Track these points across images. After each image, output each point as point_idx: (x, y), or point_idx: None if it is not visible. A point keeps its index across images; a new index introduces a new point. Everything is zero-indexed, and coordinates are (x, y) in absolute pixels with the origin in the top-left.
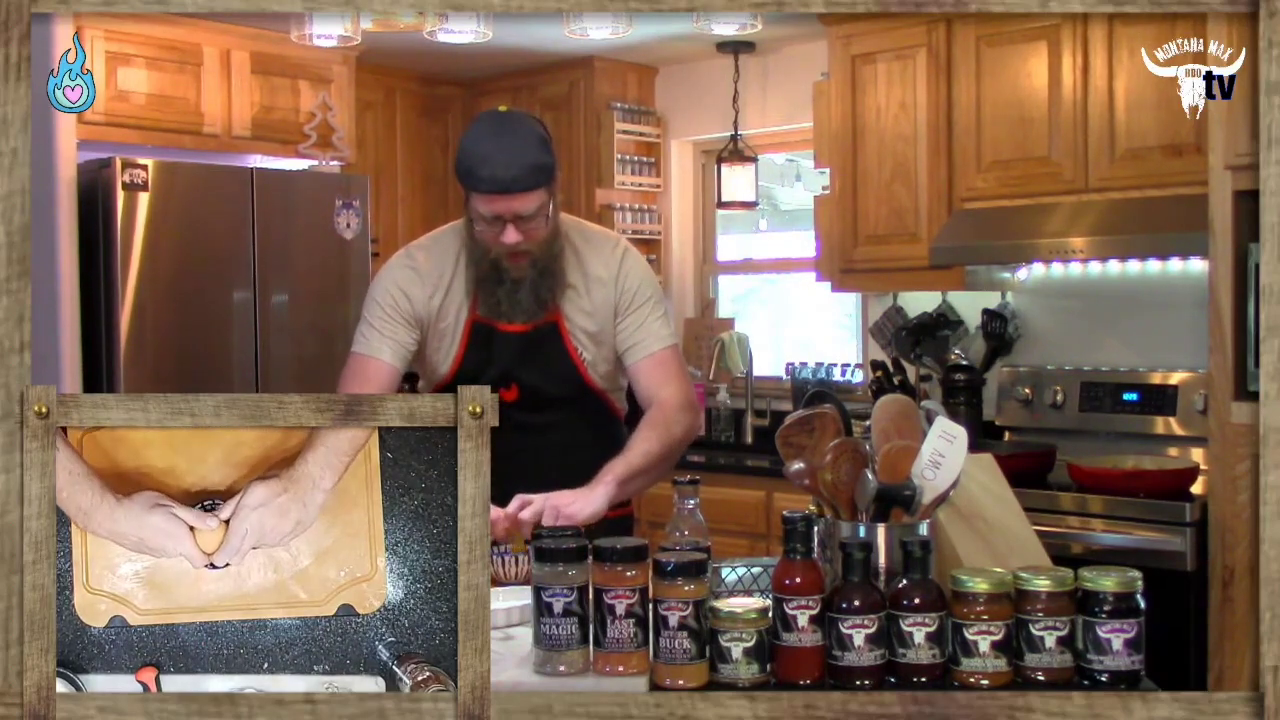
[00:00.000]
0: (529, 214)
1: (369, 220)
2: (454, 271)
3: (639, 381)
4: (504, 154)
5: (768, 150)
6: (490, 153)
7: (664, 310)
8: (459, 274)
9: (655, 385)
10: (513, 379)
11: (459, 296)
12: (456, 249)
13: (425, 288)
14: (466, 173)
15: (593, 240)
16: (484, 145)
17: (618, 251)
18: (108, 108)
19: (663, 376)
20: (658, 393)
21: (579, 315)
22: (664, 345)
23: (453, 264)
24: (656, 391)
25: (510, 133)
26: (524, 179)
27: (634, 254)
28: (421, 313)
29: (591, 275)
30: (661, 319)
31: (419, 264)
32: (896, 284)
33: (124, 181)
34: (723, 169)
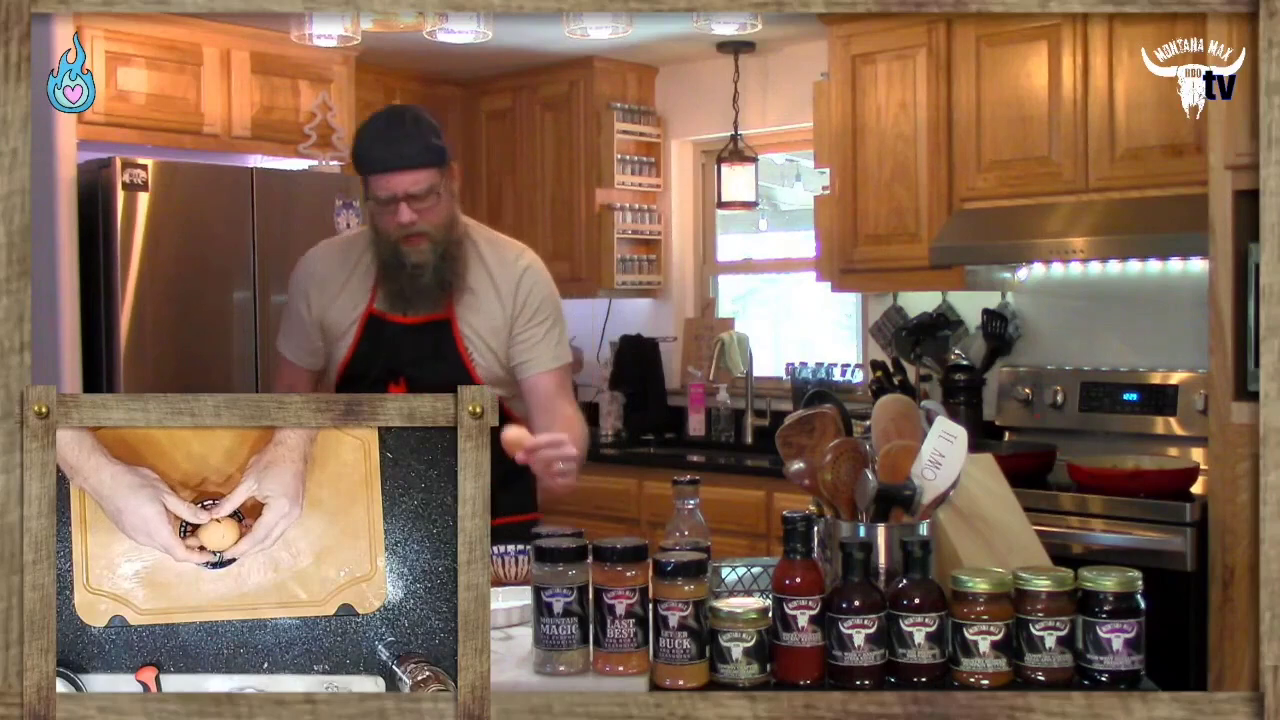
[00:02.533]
0: (420, 193)
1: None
2: (354, 268)
3: (530, 398)
4: (393, 136)
5: (768, 150)
6: (380, 136)
7: (561, 329)
8: (359, 270)
9: (548, 402)
10: (401, 373)
11: (358, 292)
12: (361, 246)
13: (324, 289)
14: (358, 157)
15: (499, 247)
16: (375, 130)
17: (520, 263)
18: (108, 108)
19: (556, 395)
20: (555, 410)
21: (472, 316)
22: (559, 364)
23: (355, 260)
24: (551, 408)
25: (400, 121)
26: (412, 156)
27: (538, 269)
28: (318, 313)
29: (491, 281)
30: (558, 338)
31: (315, 265)
32: (896, 284)
33: (124, 181)
34: (723, 169)
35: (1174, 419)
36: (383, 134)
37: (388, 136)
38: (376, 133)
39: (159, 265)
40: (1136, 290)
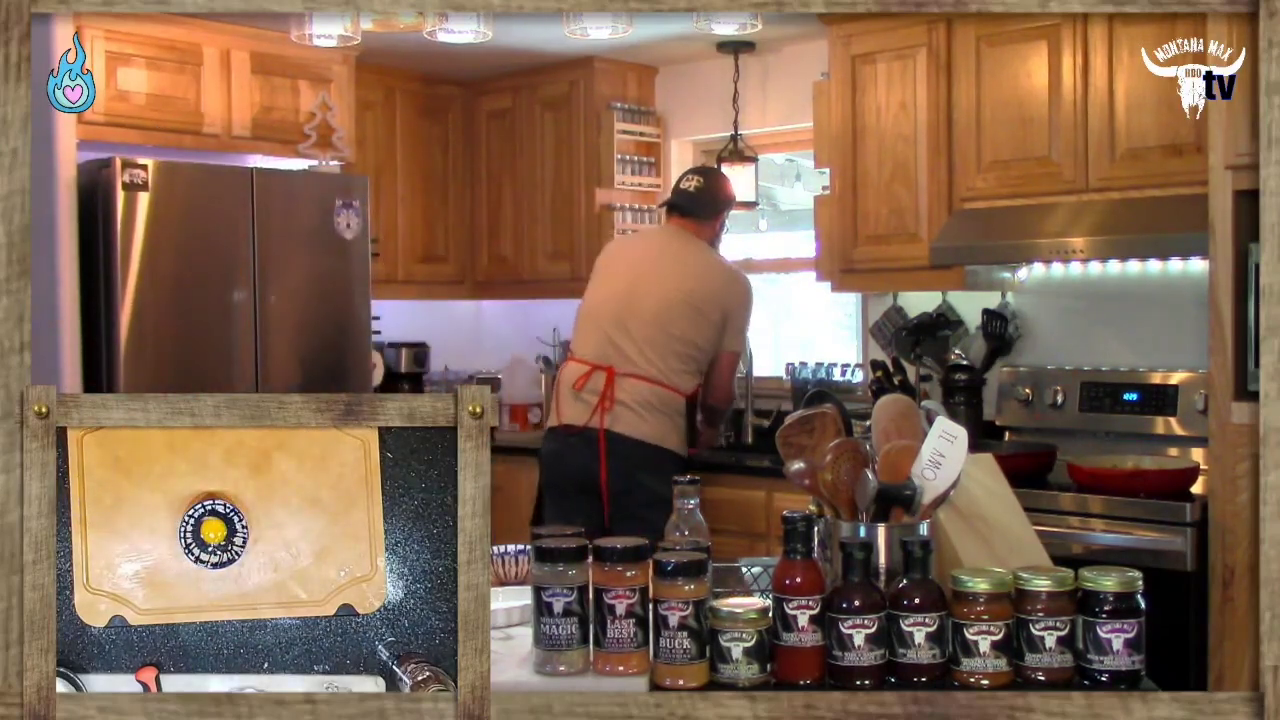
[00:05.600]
0: None
1: (369, 220)
2: None
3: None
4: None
5: (768, 150)
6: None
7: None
8: None
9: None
10: None
11: None
12: None
13: None
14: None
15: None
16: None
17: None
18: (108, 108)
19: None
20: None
21: None
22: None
23: None
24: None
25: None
26: None
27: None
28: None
29: None
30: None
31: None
32: (896, 284)
33: (124, 181)
34: (723, 169)
35: (1174, 419)
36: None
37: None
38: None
39: (159, 265)
40: (1136, 290)
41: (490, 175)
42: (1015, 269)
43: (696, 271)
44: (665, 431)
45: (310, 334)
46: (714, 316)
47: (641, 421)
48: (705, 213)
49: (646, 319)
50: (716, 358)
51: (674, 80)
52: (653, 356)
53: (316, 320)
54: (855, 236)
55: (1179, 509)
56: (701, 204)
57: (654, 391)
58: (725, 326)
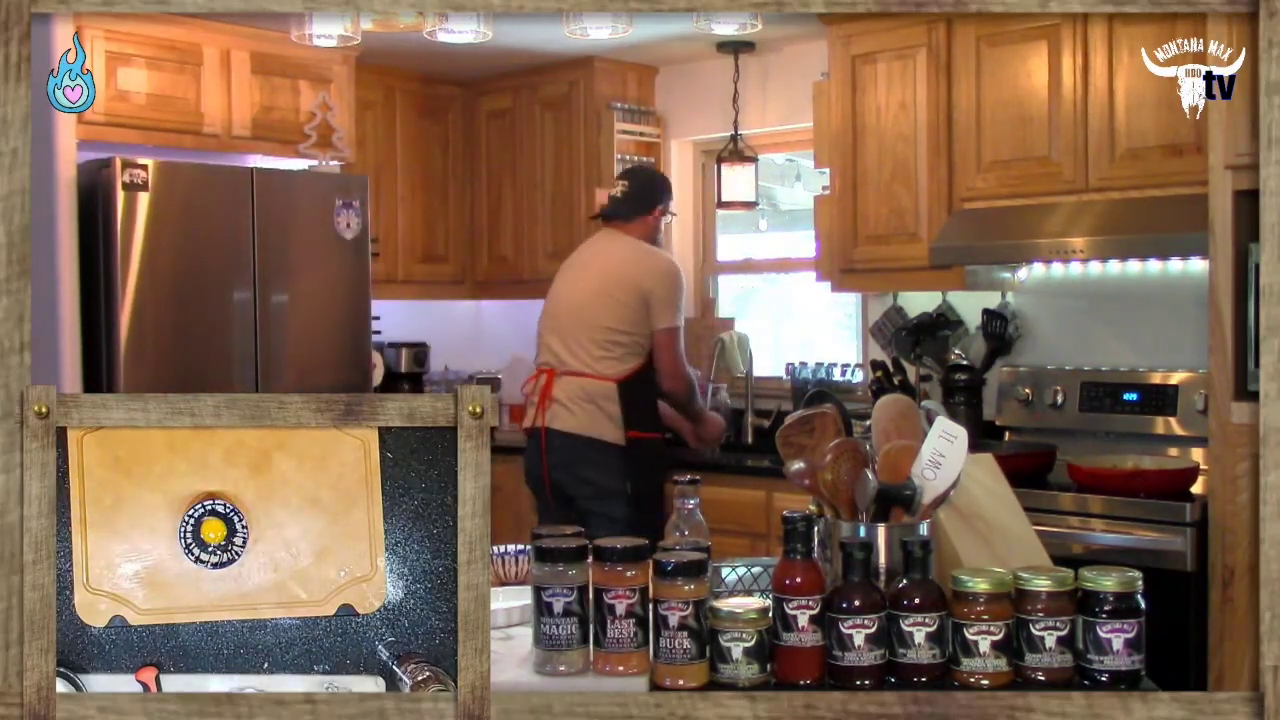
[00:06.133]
0: None
1: (369, 220)
2: None
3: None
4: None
5: (768, 150)
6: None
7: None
8: None
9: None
10: None
11: None
12: None
13: None
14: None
15: None
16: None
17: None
18: (108, 108)
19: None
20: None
21: None
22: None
23: None
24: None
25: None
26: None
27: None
28: None
29: None
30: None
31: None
32: (896, 284)
33: (124, 181)
34: (723, 169)
35: (1174, 419)
36: None
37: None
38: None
39: (159, 265)
40: (1136, 290)
41: (490, 175)
42: (1015, 269)
43: (614, 262)
44: (595, 421)
45: (310, 334)
46: (629, 299)
47: (571, 415)
48: (632, 212)
49: (571, 316)
50: (653, 340)
51: (674, 80)
52: (577, 350)
53: (316, 320)
54: (855, 236)
55: (1179, 509)
56: (627, 205)
57: (581, 384)
58: (649, 307)
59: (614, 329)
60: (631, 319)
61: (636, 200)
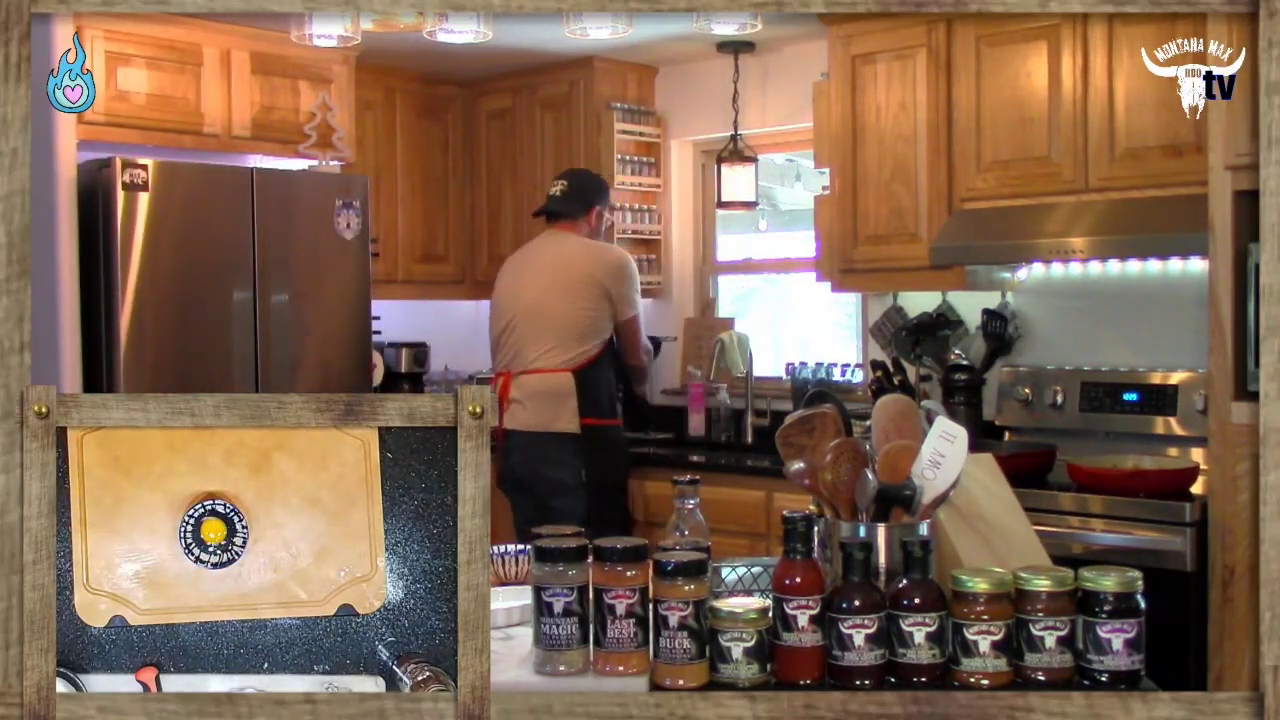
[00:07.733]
0: None
1: (369, 220)
2: None
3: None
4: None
5: (768, 150)
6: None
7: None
8: None
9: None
10: None
11: None
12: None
13: None
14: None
15: None
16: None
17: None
18: (108, 108)
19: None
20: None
21: None
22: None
23: None
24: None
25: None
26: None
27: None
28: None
29: None
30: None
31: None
32: (896, 284)
33: (124, 181)
34: (723, 169)
35: (1174, 419)
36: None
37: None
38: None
39: (159, 265)
40: (1136, 290)
41: (490, 175)
42: (1015, 269)
43: (566, 259)
44: (552, 415)
45: (310, 334)
46: (588, 291)
47: (527, 413)
48: (574, 210)
49: (527, 315)
50: (619, 329)
51: (674, 80)
52: (534, 347)
53: (316, 320)
54: (855, 236)
55: (1179, 509)
56: (568, 203)
57: (538, 380)
58: (610, 300)
59: (573, 323)
60: (591, 312)
61: (575, 200)
